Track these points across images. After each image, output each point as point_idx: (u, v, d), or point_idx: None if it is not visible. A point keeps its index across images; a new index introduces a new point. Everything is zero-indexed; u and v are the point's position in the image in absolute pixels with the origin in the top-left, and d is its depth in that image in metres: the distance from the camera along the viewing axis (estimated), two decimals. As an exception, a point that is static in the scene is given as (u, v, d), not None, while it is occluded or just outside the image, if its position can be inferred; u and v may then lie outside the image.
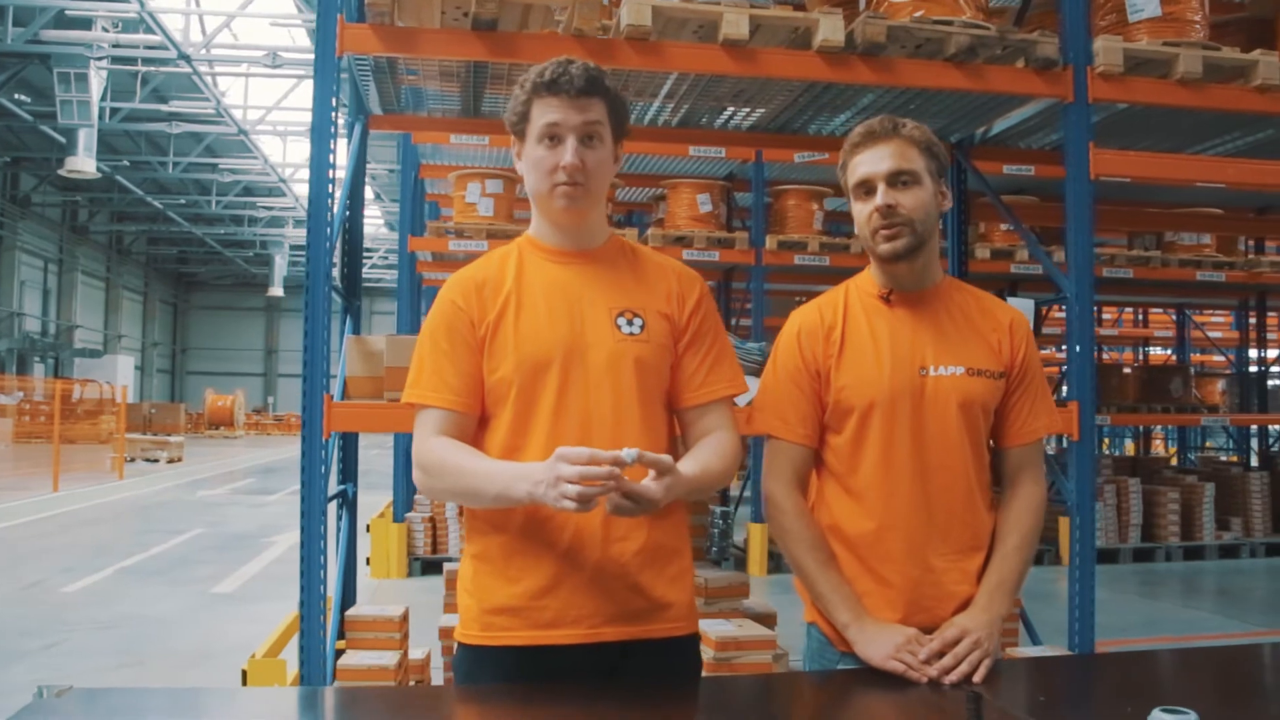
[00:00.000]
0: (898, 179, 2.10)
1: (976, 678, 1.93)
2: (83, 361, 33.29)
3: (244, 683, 4.11)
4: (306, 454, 4.04)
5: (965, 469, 2.12)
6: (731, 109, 5.57)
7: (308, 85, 20.85)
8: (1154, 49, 4.77)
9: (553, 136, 1.99)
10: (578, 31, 4.30)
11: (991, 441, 2.22)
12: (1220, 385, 17.80)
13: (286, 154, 26.00)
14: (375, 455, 27.52)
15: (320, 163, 4.15)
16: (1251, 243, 11.75)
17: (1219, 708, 1.44)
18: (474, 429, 2.03)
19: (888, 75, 4.62)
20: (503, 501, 1.89)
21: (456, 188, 9.38)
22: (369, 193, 31.20)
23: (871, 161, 2.12)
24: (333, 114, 4.16)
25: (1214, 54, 4.83)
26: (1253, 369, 14.34)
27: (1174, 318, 15.92)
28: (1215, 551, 10.96)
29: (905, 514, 2.09)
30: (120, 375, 30.90)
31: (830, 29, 4.45)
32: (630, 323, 2.03)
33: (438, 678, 4.84)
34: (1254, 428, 14.93)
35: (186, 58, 17.43)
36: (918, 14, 4.55)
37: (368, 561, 8.95)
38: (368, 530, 9.14)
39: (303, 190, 29.81)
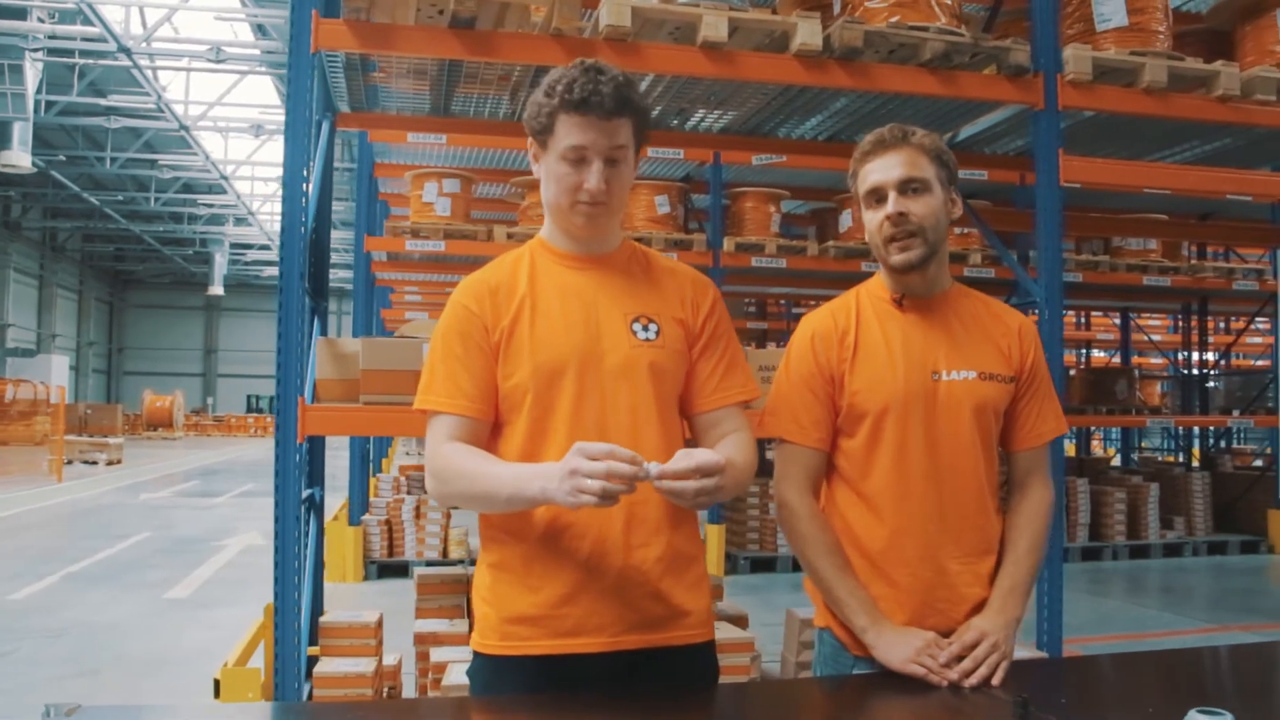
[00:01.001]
0: (908, 187, 2.11)
1: (995, 680, 1.94)
2: (15, 361, 32.44)
3: (216, 692, 4.02)
4: (280, 457, 3.96)
5: (977, 472, 2.13)
6: (703, 111, 5.57)
7: (251, 81, 20.54)
8: (1121, 58, 4.85)
9: (579, 159, 1.94)
10: (556, 31, 4.28)
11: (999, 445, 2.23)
12: (1160, 387, 18.22)
13: (228, 151, 25.56)
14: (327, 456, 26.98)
15: (295, 160, 4.07)
16: (1194, 248, 12.02)
17: (1254, 708, 1.46)
18: (488, 435, 2.00)
19: (863, 80, 4.65)
20: (516, 503, 1.86)
21: (413, 187, 9.29)
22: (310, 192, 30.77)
23: (882, 169, 2.13)
24: (309, 111, 4.07)
25: (1178, 64, 4.93)
26: (1186, 370, 14.67)
27: (1116, 321, 16.24)
28: (1160, 550, 11.19)
29: (919, 517, 2.09)
30: (55, 375, 30.08)
31: (808, 33, 4.47)
32: (646, 328, 2.01)
33: (409, 684, 4.78)
34: (1194, 429, 15.27)
35: (126, 50, 17.03)
36: (893, 19, 4.59)
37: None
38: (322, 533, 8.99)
39: (244, 188, 29.42)
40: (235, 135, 24.22)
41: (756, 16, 4.47)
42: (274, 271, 44.16)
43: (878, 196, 2.14)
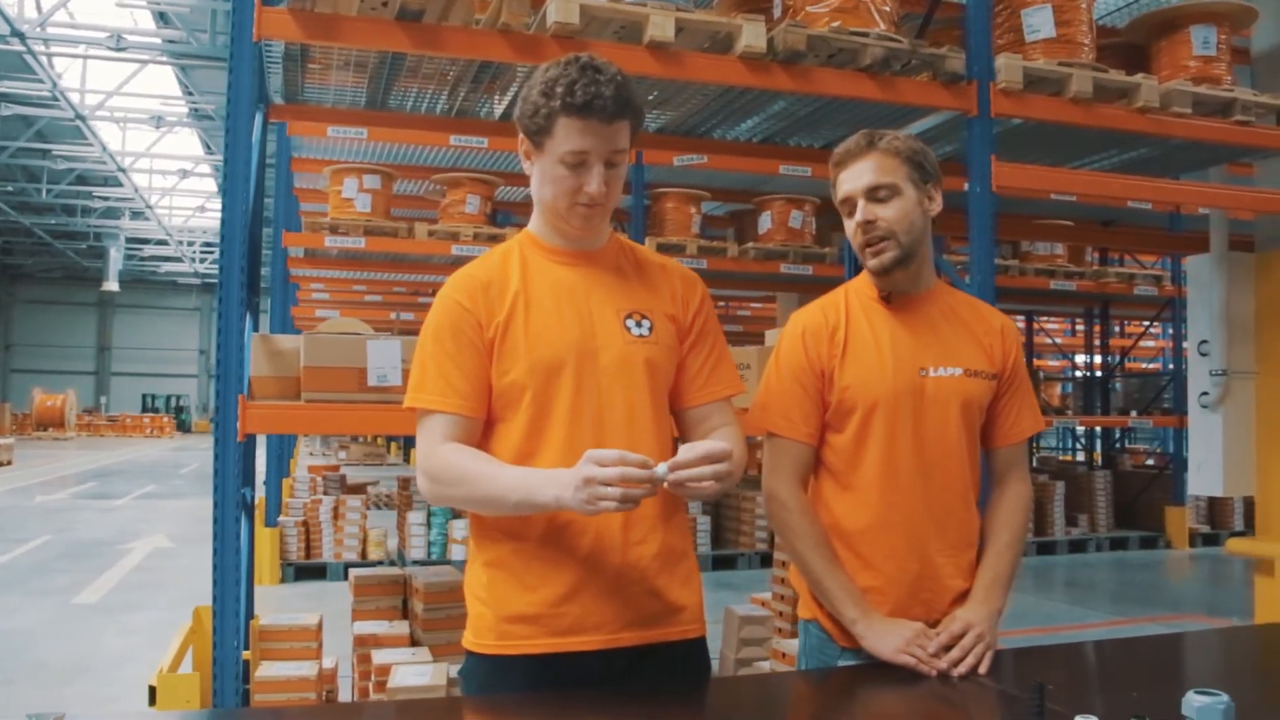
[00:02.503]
0: (875, 194, 2.15)
1: (982, 669, 2.00)
2: (-106, 358, 30.98)
3: (151, 699, 3.89)
4: (220, 456, 3.87)
5: (962, 467, 2.19)
6: (649, 112, 5.58)
7: (152, 71, 19.91)
8: (1050, 68, 5.00)
9: (579, 163, 1.91)
10: (504, 26, 4.24)
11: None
12: (1060, 389, 18.82)
13: (126, 142, 24.74)
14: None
15: (236, 152, 3.97)
16: (1097, 254, 12.45)
17: (1247, 690, 1.52)
18: (480, 434, 1.98)
19: (805, 83, 4.71)
20: (524, 509, 1.84)
21: (332, 182, 9.13)
22: (213, 185, 30.02)
23: (851, 179, 2.18)
24: (251, 102, 3.97)
25: (1103, 75, 5.10)
26: (1088, 373, 15.18)
27: (1021, 324, 16.72)
28: (1065, 546, 11.58)
29: (907, 511, 2.14)
30: (-62, 373, 28.84)
31: (753, 35, 4.52)
32: (639, 324, 2.00)
33: (345, 687, 4.70)
34: (1095, 429, 15.80)
35: (20, 35, 16.37)
36: (835, 24, 4.66)
37: (239, 568, 8.59)
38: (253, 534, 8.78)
39: (143, 180, 28.51)
40: (134, 126, 23.43)
41: (703, 17, 4.50)
42: (172, 268, 43.45)
43: (849, 207, 2.19)
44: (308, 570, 9.11)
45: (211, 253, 39.73)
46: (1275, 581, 5.87)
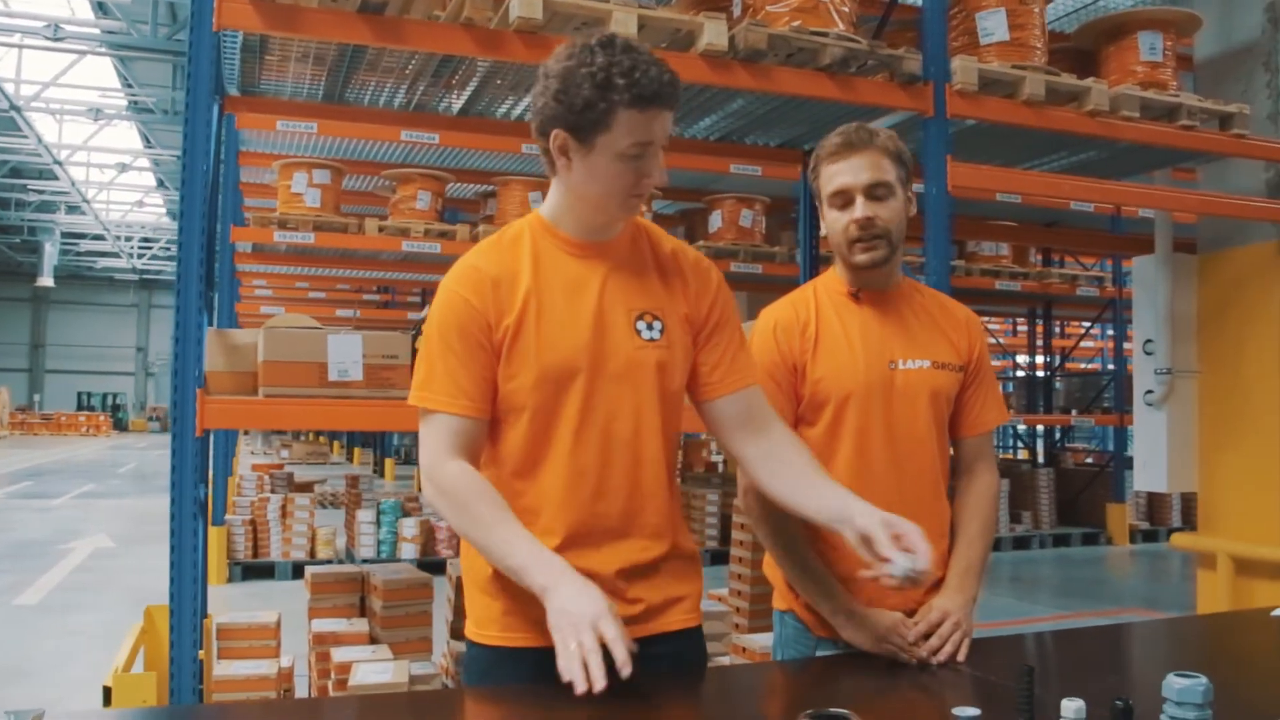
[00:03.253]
0: (874, 191, 2.16)
1: (960, 656, 2.03)
2: None
3: (106, 700, 3.80)
4: (177, 452, 3.80)
5: (932, 458, 2.22)
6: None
7: (90, 62, 19.50)
8: (1004, 70, 5.08)
9: (641, 155, 1.82)
10: (467, 20, 4.22)
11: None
12: (1001, 388, 19.10)
13: (63, 135, 24.19)
14: (160, 457, 26.02)
15: (196, 143, 3.90)
16: (1039, 255, 12.68)
17: (1225, 672, 1.57)
18: (486, 436, 1.91)
19: (766, 82, 4.74)
20: (512, 574, 1.77)
21: (282, 177, 9.02)
22: (151, 180, 29.46)
23: (850, 172, 2.16)
24: (210, 94, 3.91)
25: (1055, 78, 5.19)
26: (1031, 373, 15.45)
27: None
28: (1010, 543, 11.77)
29: (880, 502, 2.12)
30: None
31: (715, 33, 4.54)
32: (650, 326, 1.93)
33: (302, 686, 4.65)
34: (1036, 428, 16.08)
35: (-47, 24, 16.01)
36: (795, 23, 4.69)
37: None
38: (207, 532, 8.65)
39: (79, 174, 27.88)
40: (71, 118, 22.92)
41: (665, 15, 4.52)
42: (109, 263, 42.59)
43: (845, 199, 2.18)
44: (255, 569, 9.00)
45: (150, 249, 39.04)
46: (1217, 575, 6.01)
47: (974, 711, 1.47)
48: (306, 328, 4.29)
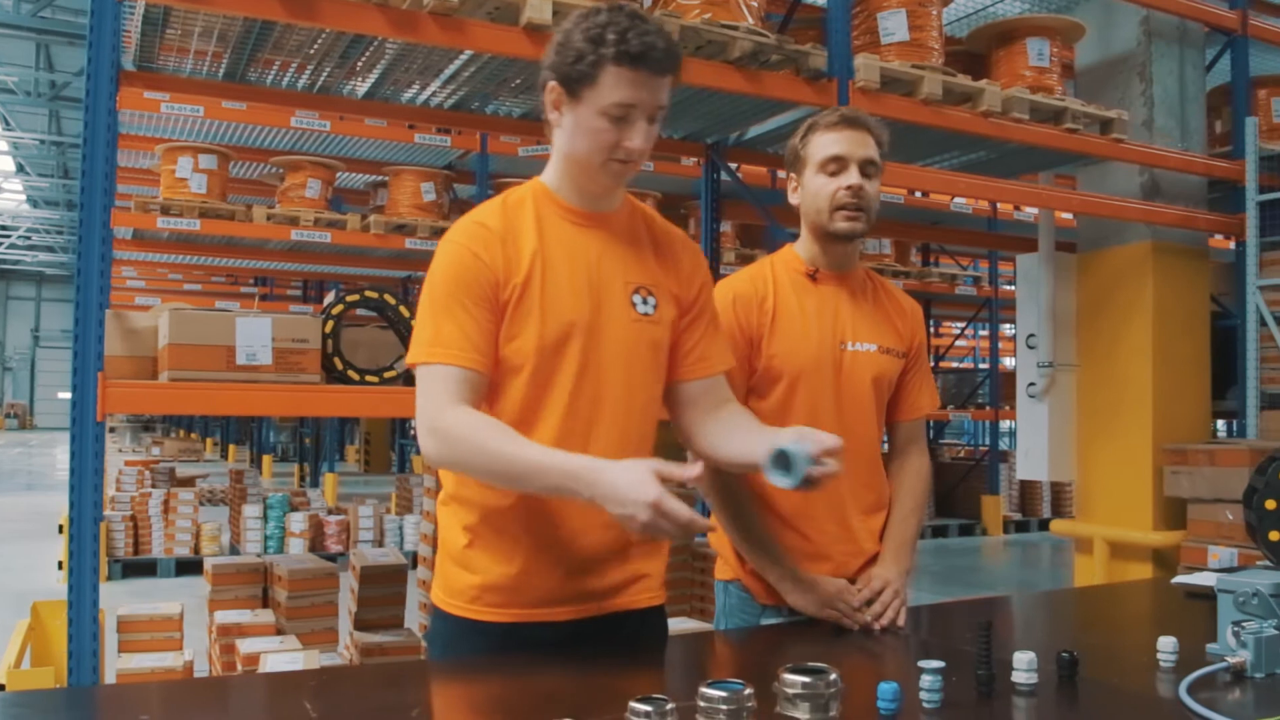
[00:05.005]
0: (867, 168, 2.24)
1: (899, 622, 2.14)
2: None
3: None
4: (77, 438, 3.66)
5: (874, 437, 2.32)
6: (508, 99, 5.54)
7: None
8: (905, 69, 5.24)
9: (622, 116, 1.83)
10: (381, 0, 4.16)
11: None
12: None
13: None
14: (19, 454, 24.90)
15: (98, 117, 3.76)
16: (919, 258, 13.08)
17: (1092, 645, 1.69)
18: (485, 394, 1.88)
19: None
20: (554, 493, 1.76)
21: (165, 162, 8.73)
22: (10, 164, 28.06)
23: (849, 143, 2.23)
24: (113, 66, 3.76)
25: (951, 79, 5.38)
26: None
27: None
28: (891, 533, 12.09)
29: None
30: None
31: (628, 23, 4.56)
32: (645, 301, 1.94)
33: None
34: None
35: None
36: (705, 16, 4.76)
37: (60, 565, 8.10)
38: (60, 531, 8.28)
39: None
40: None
41: (579, 1, 4.52)
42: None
43: (839, 165, 2.22)
44: (136, 567, 8.68)
45: (9, 237, 37.19)
46: (1093, 559, 6.31)
47: (939, 664, 1.54)
48: (212, 309, 4.17)
